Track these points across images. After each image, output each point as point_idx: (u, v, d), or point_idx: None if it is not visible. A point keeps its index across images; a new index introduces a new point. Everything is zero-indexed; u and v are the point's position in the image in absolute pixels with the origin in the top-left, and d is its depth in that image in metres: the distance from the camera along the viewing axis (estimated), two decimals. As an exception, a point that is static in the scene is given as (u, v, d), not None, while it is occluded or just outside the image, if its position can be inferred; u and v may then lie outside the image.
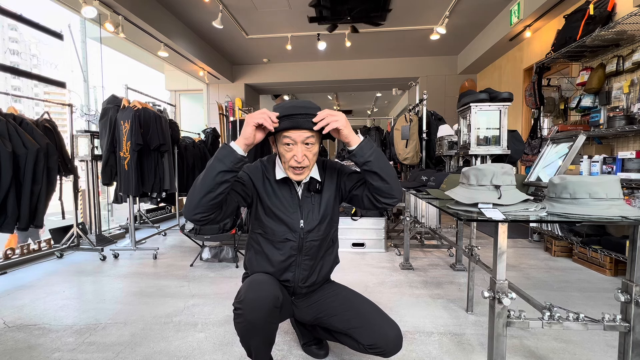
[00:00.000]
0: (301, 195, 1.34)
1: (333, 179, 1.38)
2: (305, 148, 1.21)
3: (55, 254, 3.40)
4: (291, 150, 1.21)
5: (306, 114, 1.16)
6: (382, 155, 1.22)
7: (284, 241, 1.32)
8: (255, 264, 1.38)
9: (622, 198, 1.17)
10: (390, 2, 4.71)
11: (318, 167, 1.37)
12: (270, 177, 1.33)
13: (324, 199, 1.35)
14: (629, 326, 1.17)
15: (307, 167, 1.25)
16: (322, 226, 1.35)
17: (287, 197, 1.33)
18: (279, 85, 8.12)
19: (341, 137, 1.19)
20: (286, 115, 1.16)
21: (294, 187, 1.34)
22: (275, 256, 1.34)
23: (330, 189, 1.37)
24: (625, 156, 2.63)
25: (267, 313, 1.19)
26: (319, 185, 1.34)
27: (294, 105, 1.19)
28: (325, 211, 1.35)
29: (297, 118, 1.16)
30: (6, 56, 42.66)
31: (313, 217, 1.33)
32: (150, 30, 4.64)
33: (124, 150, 3.32)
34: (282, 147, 1.22)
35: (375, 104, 12.15)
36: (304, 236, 1.32)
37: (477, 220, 1.19)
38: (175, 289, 2.54)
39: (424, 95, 4.01)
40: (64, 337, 1.84)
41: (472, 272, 2.10)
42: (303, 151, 1.20)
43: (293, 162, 1.21)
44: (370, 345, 1.24)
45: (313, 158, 1.25)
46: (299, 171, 1.24)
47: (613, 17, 3.03)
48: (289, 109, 1.17)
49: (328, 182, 1.37)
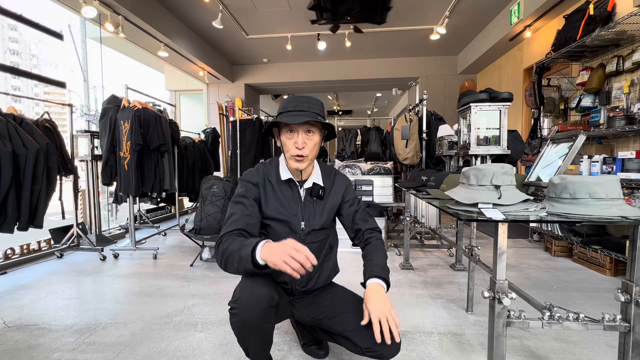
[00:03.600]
0: (303, 199, 1.36)
1: (339, 193, 1.42)
2: (306, 136, 1.26)
3: (55, 254, 3.40)
4: (292, 137, 1.26)
5: (307, 110, 1.24)
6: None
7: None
8: None
9: (622, 198, 1.17)
10: (390, 3, 4.70)
11: (323, 174, 1.40)
12: (272, 179, 1.35)
13: (326, 206, 1.38)
14: (629, 326, 1.17)
15: (307, 156, 1.28)
16: (321, 231, 1.38)
17: (288, 198, 1.34)
18: (279, 85, 8.12)
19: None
20: (290, 110, 1.24)
21: (297, 190, 1.36)
22: None
23: (334, 201, 1.40)
24: (625, 156, 2.63)
25: (262, 312, 1.19)
26: (321, 192, 1.36)
27: (297, 100, 1.27)
28: (326, 218, 1.38)
29: (299, 114, 1.23)
30: (6, 56, 42.66)
31: (314, 221, 1.35)
32: (150, 30, 4.64)
33: (124, 150, 3.32)
34: (285, 135, 1.28)
35: (375, 104, 12.15)
36: (304, 238, 1.34)
37: (477, 220, 1.19)
38: (175, 289, 2.54)
39: (424, 95, 4.01)
40: (64, 337, 1.84)
41: (472, 272, 2.10)
42: (304, 139, 1.25)
43: (294, 150, 1.26)
44: (367, 349, 1.23)
45: (314, 148, 1.29)
46: (299, 159, 1.27)
47: (613, 17, 3.03)
48: (293, 103, 1.26)
49: (334, 193, 1.41)
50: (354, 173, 4.07)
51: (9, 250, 3.09)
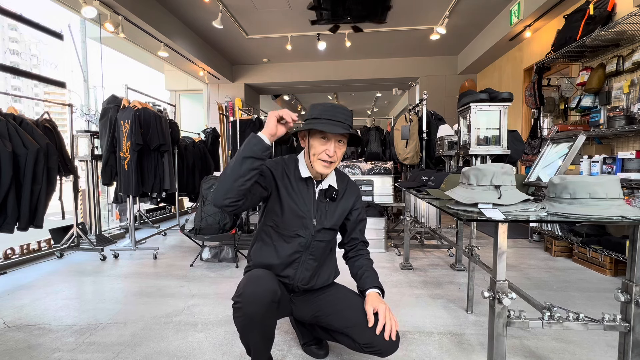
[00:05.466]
0: (317, 198, 1.40)
1: (351, 199, 1.47)
2: (337, 145, 1.31)
3: (55, 254, 3.40)
4: (325, 144, 1.30)
5: (343, 122, 1.28)
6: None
7: (294, 236, 1.37)
8: (261, 255, 1.41)
9: (622, 198, 1.17)
10: (390, 1, 4.71)
11: (337, 178, 1.45)
12: (290, 175, 1.38)
13: (337, 209, 1.43)
14: (629, 326, 1.17)
15: (335, 162, 1.33)
16: (329, 231, 1.42)
17: (304, 195, 1.38)
18: (279, 85, 8.12)
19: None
20: (327, 118, 1.27)
21: (313, 188, 1.40)
22: (283, 249, 1.38)
23: (345, 205, 1.46)
24: (625, 156, 2.63)
25: (265, 307, 1.21)
26: (335, 194, 1.41)
27: (335, 109, 1.29)
28: (337, 219, 1.43)
29: (337, 124, 1.27)
30: (6, 56, 42.66)
31: (325, 220, 1.39)
32: (150, 30, 4.64)
33: (124, 150, 3.32)
34: (317, 140, 1.31)
35: (375, 104, 12.15)
36: (314, 234, 1.38)
37: (477, 220, 1.19)
38: (175, 289, 2.54)
39: (424, 95, 4.01)
40: (64, 337, 1.84)
41: (472, 272, 2.10)
42: (335, 147, 1.30)
43: (324, 156, 1.30)
44: (366, 344, 1.26)
45: (341, 156, 1.35)
46: (327, 164, 1.32)
47: (613, 17, 3.03)
48: (330, 112, 1.28)
49: (346, 198, 1.46)
50: (354, 173, 4.07)
51: (9, 250, 3.09)
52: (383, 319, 1.22)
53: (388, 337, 1.21)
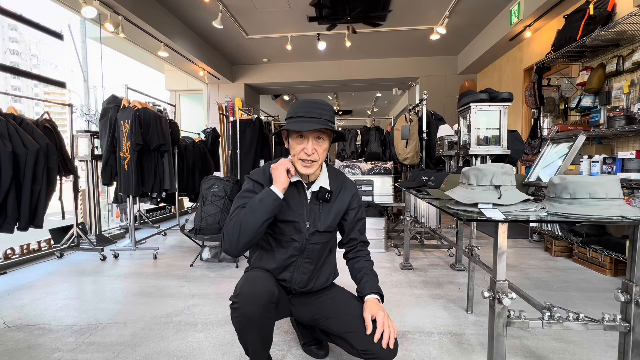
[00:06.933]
0: (309, 201, 1.37)
1: (347, 199, 1.43)
2: (316, 142, 1.26)
3: (55, 254, 3.40)
4: (302, 143, 1.26)
5: (319, 117, 1.24)
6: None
7: (290, 241, 1.36)
8: (260, 260, 1.41)
9: (622, 198, 1.17)
10: (390, 3, 4.71)
11: (330, 177, 1.41)
12: None
13: (332, 210, 1.39)
14: (629, 326, 1.17)
15: (317, 161, 1.28)
16: (324, 234, 1.39)
17: (295, 199, 1.35)
18: (279, 85, 8.12)
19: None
20: (301, 115, 1.24)
21: (304, 191, 1.37)
22: (280, 254, 1.37)
23: (340, 205, 1.41)
24: (625, 156, 2.63)
25: (262, 307, 1.21)
26: (328, 195, 1.36)
27: (310, 105, 1.26)
28: (331, 221, 1.39)
29: (311, 121, 1.23)
30: (6, 56, 42.65)
31: (319, 223, 1.36)
32: (150, 30, 4.64)
33: (124, 150, 3.32)
34: (295, 139, 1.28)
35: (375, 104, 12.15)
36: (308, 238, 1.35)
37: (477, 220, 1.19)
38: (175, 289, 2.54)
39: (424, 95, 4.01)
40: (64, 337, 1.84)
41: (472, 272, 2.10)
42: (313, 145, 1.26)
43: (303, 155, 1.26)
44: (364, 351, 1.23)
45: (323, 153, 1.29)
46: (307, 164, 1.27)
47: (613, 17, 3.03)
48: (305, 108, 1.25)
49: (341, 197, 1.41)
50: (354, 173, 4.07)
51: (9, 250, 3.09)
52: (381, 326, 1.20)
53: (386, 345, 1.18)
